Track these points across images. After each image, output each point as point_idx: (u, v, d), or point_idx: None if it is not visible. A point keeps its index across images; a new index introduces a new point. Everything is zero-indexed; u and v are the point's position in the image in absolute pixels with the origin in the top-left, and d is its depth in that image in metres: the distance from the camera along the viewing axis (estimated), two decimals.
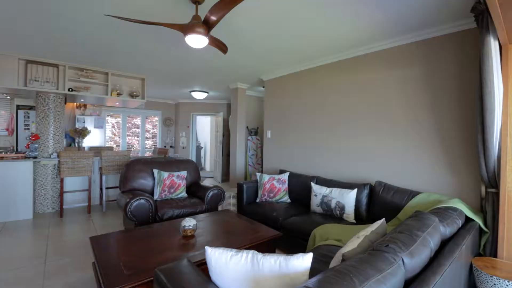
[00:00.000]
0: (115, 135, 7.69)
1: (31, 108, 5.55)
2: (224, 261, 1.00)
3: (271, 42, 3.11)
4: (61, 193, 3.93)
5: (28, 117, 5.56)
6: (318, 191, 2.99)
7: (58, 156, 4.09)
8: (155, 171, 3.45)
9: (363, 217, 2.78)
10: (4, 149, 5.48)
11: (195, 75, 4.88)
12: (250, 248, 1.97)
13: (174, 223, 2.48)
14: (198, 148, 8.67)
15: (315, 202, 2.99)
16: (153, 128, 8.43)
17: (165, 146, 8.31)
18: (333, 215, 2.83)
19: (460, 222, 1.83)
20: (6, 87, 3.78)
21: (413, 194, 2.52)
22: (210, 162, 9.09)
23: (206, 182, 3.76)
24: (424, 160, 2.68)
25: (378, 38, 2.88)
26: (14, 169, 3.68)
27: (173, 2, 2.23)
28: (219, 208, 3.55)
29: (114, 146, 7.49)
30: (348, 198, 2.76)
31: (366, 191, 2.83)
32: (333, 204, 2.82)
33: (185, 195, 3.52)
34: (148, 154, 8.04)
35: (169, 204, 3.08)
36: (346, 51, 3.34)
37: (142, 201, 2.82)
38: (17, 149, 5.42)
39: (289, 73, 4.30)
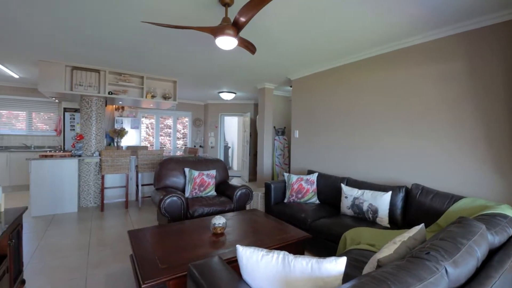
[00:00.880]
0: (149, 135, 8.12)
1: (76, 110, 6.07)
2: (255, 260, 1.01)
3: (298, 41, 3.07)
4: (102, 189, 4.25)
5: (74, 118, 6.08)
6: (349, 193, 2.89)
7: (99, 155, 4.43)
8: (186, 170, 3.58)
9: (397, 222, 2.64)
10: (53, 148, 6.06)
11: (223, 76, 4.99)
12: (278, 249, 1.97)
13: (204, 221, 2.56)
14: (226, 148, 8.83)
15: (345, 204, 2.89)
16: (183, 129, 8.76)
17: (194, 146, 8.59)
18: (365, 218, 2.72)
19: (510, 231, 1.65)
20: (55, 91, 4.17)
21: (455, 198, 2.33)
22: (237, 162, 9.22)
23: (234, 181, 3.82)
24: (466, 161, 2.47)
25: (412, 32, 2.71)
26: (62, 167, 4.06)
27: (203, 5, 2.30)
28: (247, 207, 3.58)
29: (148, 145, 7.91)
30: (382, 201, 2.63)
31: (401, 194, 2.67)
32: (365, 207, 2.71)
33: (214, 193, 3.61)
34: (179, 153, 8.38)
35: (199, 202, 3.18)
36: (376, 48, 3.18)
37: (175, 198, 2.94)
38: (64, 148, 5.96)
39: (317, 72, 4.21)
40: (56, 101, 6.17)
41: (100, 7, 2.38)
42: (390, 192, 2.67)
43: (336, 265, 0.93)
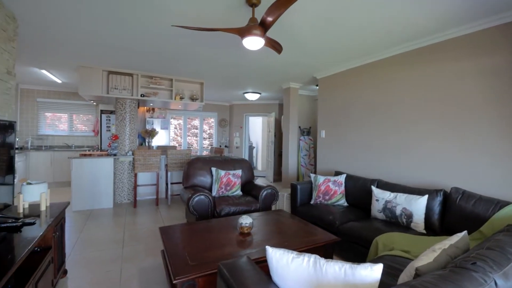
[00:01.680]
0: (177, 135, 8.43)
1: (111, 112, 6.48)
2: (285, 263, 1.00)
3: (326, 38, 3.00)
4: (135, 187, 4.48)
5: (109, 120, 6.49)
6: (380, 195, 2.76)
7: (132, 154, 4.67)
8: (213, 169, 3.65)
9: (435, 228, 2.47)
10: (91, 148, 6.51)
11: (248, 77, 5.02)
12: (306, 251, 1.93)
13: (231, 220, 2.59)
14: (250, 148, 8.89)
15: (376, 207, 2.77)
16: (209, 129, 8.97)
17: (220, 146, 8.75)
18: (398, 223, 2.58)
19: None
20: (93, 94, 4.47)
21: (501, 204, 2.13)
22: (261, 162, 9.23)
23: (259, 182, 3.83)
24: None
25: (452, 24, 2.52)
26: (99, 165, 4.34)
27: (230, 7, 2.33)
28: (273, 207, 3.57)
29: (177, 145, 8.20)
30: (417, 205, 2.48)
31: (439, 198, 2.50)
32: (398, 211, 2.57)
33: (240, 193, 3.64)
34: (205, 153, 8.59)
35: (225, 201, 3.23)
36: (411, 42, 3.01)
37: (202, 197, 3.01)
38: (101, 148, 6.38)
39: (345, 70, 4.08)
40: (94, 103, 6.62)
41: (134, 15, 2.51)
42: (426, 196, 2.50)
43: (372, 272, 0.89)
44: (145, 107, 6.98)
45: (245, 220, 2.19)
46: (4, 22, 2.36)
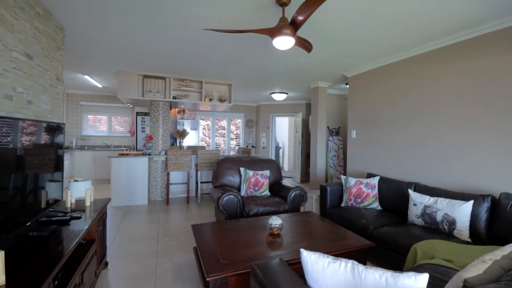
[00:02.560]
0: (205, 135, 8.66)
1: (146, 114, 6.84)
2: (321, 267, 0.97)
3: (358, 35, 2.89)
4: (167, 185, 4.68)
5: (144, 121, 6.87)
6: (418, 200, 2.59)
7: (165, 154, 4.89)
8: (242, 169, 3.69)
9: (481, 236, 2.26)
10: (128, 147, 6.92)
11: (276, 77, 5.00)
12: (338, 255, 1.87)
13: (260, 220, 2.59)
14: (277, 148, 8.85)
15: (414, 212, 2.61)
16: (236, 129, 9.09)
17: (247, 146, 8.83)
18: (438, 229, 2.41)
19: None
20: (130, 97, 4.76)
21: None
22: (288, 162, 9.15)
23: (286, 182, 3.79)
24: None
25: (499, 14, 2.29)
26: (135, 164, 4.60)
27: (260, 8, 2.33)
28: (301, 209, 3.52)
29: (205, 145, 8.43)
30: (461, 212, 2.29)
31: (486, 204, 2.29)
32: (439, 217, 2.40)
33: (268, 193, 3.64)
34: (232, 153, 8.72)
35: (254, 201, 3.25)
36: (451, 36, 2.79)
37: (232, 196, 3.06)
38: (136, 148, 6.77)
39: (377, 67, 3.89)
40: (130, 106, 7.05)
41: (169, 22, 2.63)
42: (471, 202, 2.30)
43: (416, 282, 0.84)
44: (176, 109, 7.26)
45: (275, 221, 2.18)
46: (53, 33, 2.59)
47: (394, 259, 2.35)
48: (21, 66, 2.00)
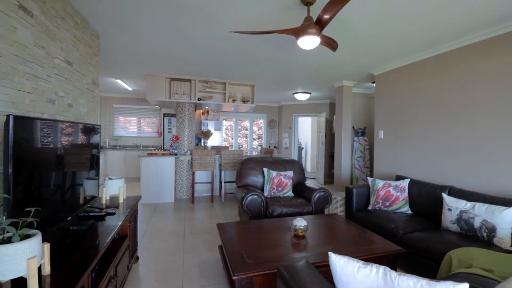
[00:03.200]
0: (228, 136, 8.79)
1: (172, 115, 7.10)
2: (350, 272, 0.95)
3: (385, 31, 2.78)
4: (193, 184, 4.82)
5: (170, 122, 7.13)
6: (454, 205, 2.44)
7: (191, 154, 5.04)
8: (265, 170, 3.70)
9: None
10: (155, 147, 7.22)
11: (299, 77, 4.95)
12: (366, 260, 1.82)
13: (284, 221, 2.58)
14: (299, 149, 8.75)
15: (448, 217, 2.45)
16: (258, 130, 9.13)
17: (269, 147, 8.83)
18: (476, 236, 2.25)
19: None
20: (158, 100, 4.96)
21: None
22: (311, 163, 9.01)
23: (310, 183, 3.74)
24: None
25: None
26: (163, 163, 4.79)
27: (285, 8, 2.33)
28: (326, 211, 3.45)
29: (228, 146, 8.56)
30: (502, 218, 2.12)
31: None
32: (476, 223, 2.24)
33: (292, 194, 3.62)
34: (255, 153, 8.76)
35: (277, 201, 3.24)
36: (490, 28, 2.58)
37: (255, 196, 3.08)
38: (163, 148, 7.04)
39: (407, 64, 3.71)
40: (158, 108, 7.35)
41: (195, 27, 2.71)
42: None
43: None
44: (201, 110, 7.45)
45: (300, 223, 2.16)
46: (90, 40, 2.77)
47: (426, 266, 2.23)
48: (62, 72, 2.17)
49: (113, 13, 2.53)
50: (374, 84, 4.64)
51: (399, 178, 3.39)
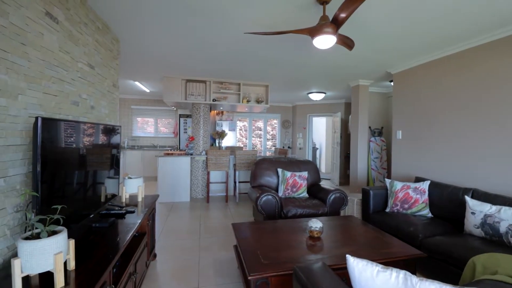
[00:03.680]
0: (242, 136, 8.83)
1: (188, 116, 7.23)
2: (369, 275, 0.93)
3: (404, 28, 2.70)
4: (208, 184, 4.89)
5: (186, 123, 7.27)
6: (477, 208, 2.33)
7: (206, 154, 5.11)
8: (279, 170, 3.69)
9: None
10: (171, 147, 7.38)
11: (314, 77, 4.90)
12: (383, 264, 1.77)
13: (299, 222, 2.57)
14: (314, 149, 8.66)
15: (472, 222, 2.35)
16: (272, 130, 9.11)
17: (283, 147, 8.79)
18: (502, 242, 2.14)
19: None
20: (174, 101, 5.07)
21: None
22: (325, 164, 8.89)
23: (325, 184, 3.69)
24: None
25: None
26: (178, 163, 4.89)
27: (300, 8, 2.31)
28: (341, 213, 3.39)
29: (242, 146, 8.60)
30: None
31: None
32: (502, 228, 2.13)
33: (306, 195, 3.59)
34: (268, 153, 8.75)
35: (292, 202, 3.22)
36: None
37: (270, 197, 3.08)
38: (179, 148, 7.18)
39: (426, 62, 3.59)
40: (174, 109, 7.51)
41: (211, 29, 2.74)
42: None
43: None
44: (215, 111, 7.54)
45: (315, 224, 2.14)
46: (110, 44, 2.87)
47: (447, 272, 2.15)
48: (85, 75, 2.26)
49: (132, 18, 2.61)
50: (392, 83, 4.51)
51: (418, 179, 3.28)
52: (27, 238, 1.15)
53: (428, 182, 3.03)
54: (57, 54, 1.83)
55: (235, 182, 5.17)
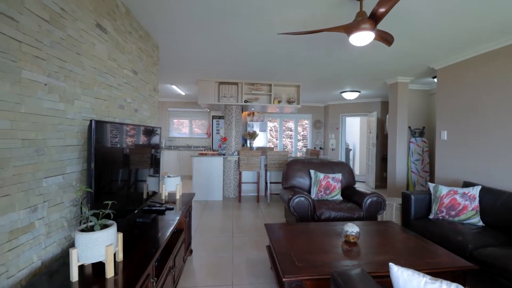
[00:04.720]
0: (273, 137, 8.83)
1: (220, 117, 7.43)
2: (416, 286, 0.88)
3: (449, 20, 2.49)
4: (240, 183, 4.97)
5: (218, 124, 7.47)
6: None
7: (238, 154, 5.20)
8: (312, 172, 3.62)
9: None
10: (205, 148, 7.63)
11: (348, 75, 4.73)
12: (428, 275, 1.65)
13: (333, 226, 2.49)
14: (347, 150, 8.34)
15: None
16: (303, 131, 8.97)
17: (315, 148, 8.61)
18: None
19: None
20: (208, 103, 5.24)
21: None
22: (359, 165, 8.51)
23: (360, 187, 3.54)
24: None
25: None
26: (212, 163, 5.04)
27: (334, 5, 2.25)
28: (378, 218, 3.22)
29: (273, 146, 8.60)
30: None
31: None
32: None
33: (340, 198, 3.47)
34: (299, 154, 8.64)
35: (325, 205, 3.14)
36: None
37: (302, 198, 3.03)
38: (212, 148, 7.41)
39: (474, 56, 3.27)
40: (208, 110, 7.77)
41: (244, 33, 2.79)
42: None
43: None
44: (247, 112, 7.64)
45: (352, 228, 2.07)
46: (151, 51, 3.06)
47: (501, 287, 1.93)
48: (130, 81, 2.44)
49: (170, 25, 2.75)
50: (435, 79, 4.18)
51: (467, 184, 3.00)
52: (82, 230, 1.27)
53: (478, 188, 2.75)
54: (106, 62, 2.00)
55: (266, 183, 5.19)
